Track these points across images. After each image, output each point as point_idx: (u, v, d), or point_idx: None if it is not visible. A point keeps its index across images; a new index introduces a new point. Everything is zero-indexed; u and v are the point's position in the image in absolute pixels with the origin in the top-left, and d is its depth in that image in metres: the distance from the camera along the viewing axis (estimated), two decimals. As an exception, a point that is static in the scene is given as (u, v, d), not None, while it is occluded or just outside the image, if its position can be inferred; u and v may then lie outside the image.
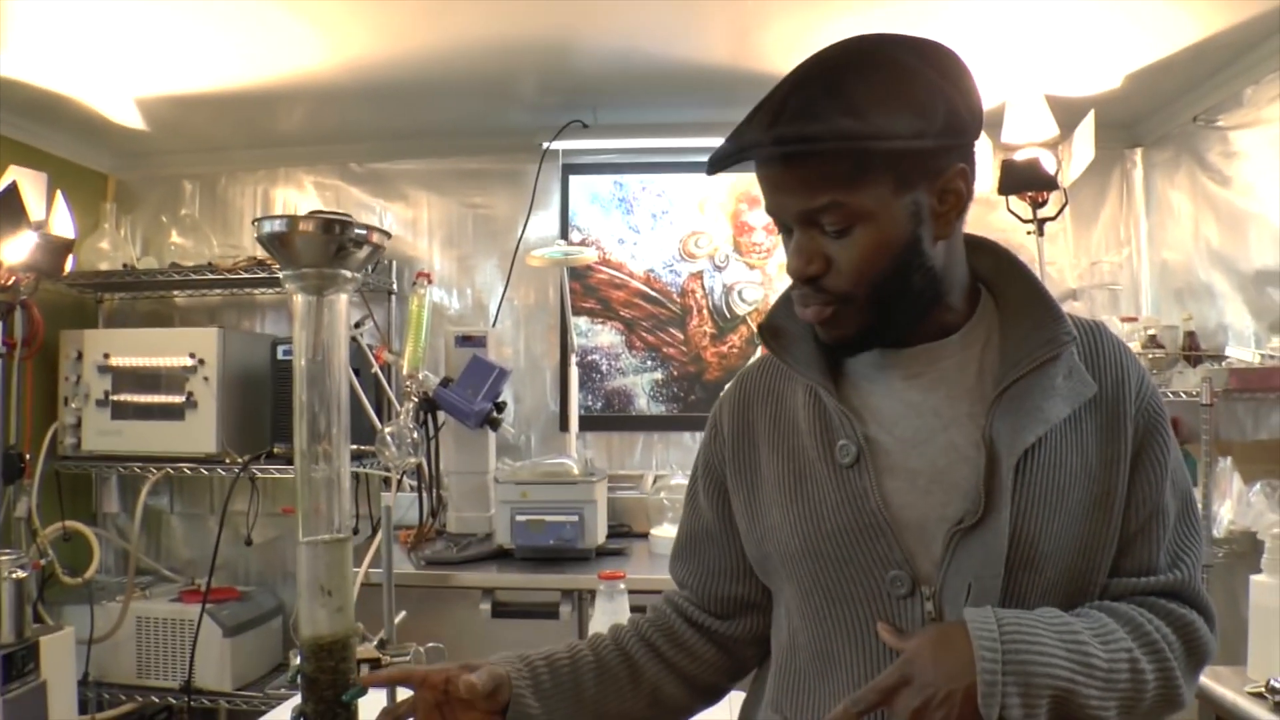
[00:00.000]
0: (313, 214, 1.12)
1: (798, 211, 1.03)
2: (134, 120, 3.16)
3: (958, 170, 1.02)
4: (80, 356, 3.13)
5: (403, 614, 1.26)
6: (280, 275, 1.14)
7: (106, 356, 3.10)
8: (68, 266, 2.91)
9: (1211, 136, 2.86)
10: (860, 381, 1.13)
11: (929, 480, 1.05)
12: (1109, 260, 3.37)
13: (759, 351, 3.37)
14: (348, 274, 1.12)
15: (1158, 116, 3.16)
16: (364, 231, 1.10)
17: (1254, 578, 1.97)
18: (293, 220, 1.08)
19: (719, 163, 1.04)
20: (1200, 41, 2.53)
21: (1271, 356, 2.47)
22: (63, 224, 2.88)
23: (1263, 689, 1.84)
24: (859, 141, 0.96)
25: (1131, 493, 1.07)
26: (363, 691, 1.13)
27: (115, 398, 3.09)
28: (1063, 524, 1.02)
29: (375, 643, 1.19)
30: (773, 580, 1.19)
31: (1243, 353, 2.54)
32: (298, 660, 1.12)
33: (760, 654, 1.27)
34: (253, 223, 1.09)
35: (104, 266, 3.28)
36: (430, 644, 1.22)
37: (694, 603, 1.27)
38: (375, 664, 1.18)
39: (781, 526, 1.11)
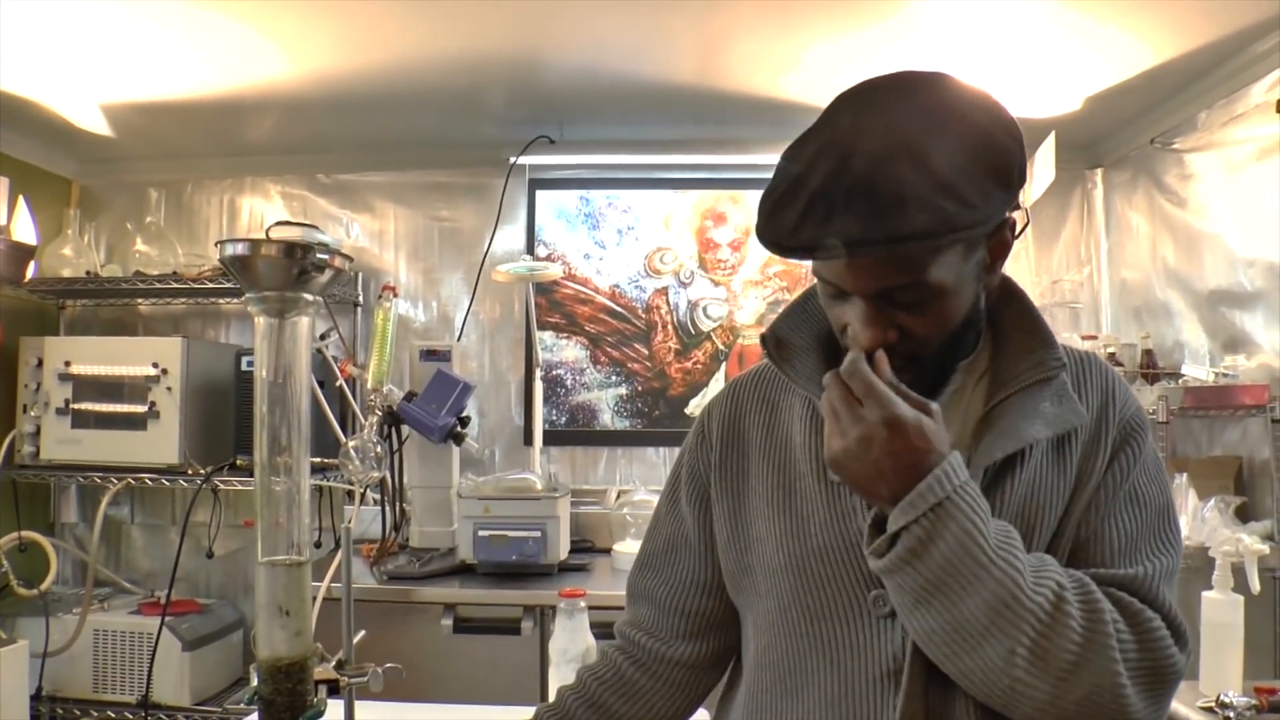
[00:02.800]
0: (279, 224, 1.12)
1: (875, 291, 0.98)
2: (99, 126, 3.14)
3: (1008, 222, 1.03)
4: (40, 364, 3.08)
5: (362, 633, 1.26)
6: (242, 297, 1.14)
7: (67, 364, 3.06)
8: (29, 272, 2.89)
9: (1168, 159, 2.91)
10: None
11: None
12: (1070, 279, 3.42)
13: (723, 368, 3.41)
14: (309, 297, 1.12)
15: (1117, 138, 3.22)
16: (326, 256, 1.10)
17: (1205, 594, 2.00)
18: (255, 244, 1.07)
19: (803, 252, 0.96)
20: (1155, 67, 2.59)
21: (1225, 375, 2.51)
22: (25, 229, 2.86)
23: (1214, 704, 1.86)
24: (966, 231, 0.91)
25: (1094, 494, 1.04)
26: (320, 713, 1.13)
27: (76, 406, 3.05)
28: (1040, 542, 1.02)
29: (334, 663, 1.19)
30: (744, 596, 1.18)
31: (1198, 371, 2.58)
32: (256, 680, 1.12)
33: (718, 680, 1.26)
34: (215, 245, 1.09)
35: (66, 273, 3.24)
36: (388, 664, 1.22)
37: (652, 631, 1.24)
38: (333, 685, 1.17)
39: (767, 539, 1.11)
